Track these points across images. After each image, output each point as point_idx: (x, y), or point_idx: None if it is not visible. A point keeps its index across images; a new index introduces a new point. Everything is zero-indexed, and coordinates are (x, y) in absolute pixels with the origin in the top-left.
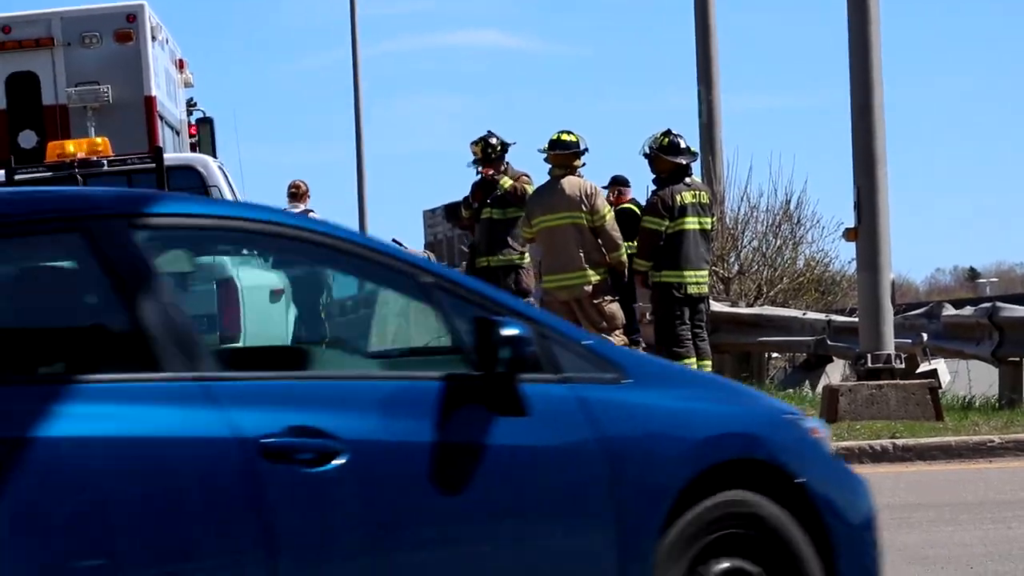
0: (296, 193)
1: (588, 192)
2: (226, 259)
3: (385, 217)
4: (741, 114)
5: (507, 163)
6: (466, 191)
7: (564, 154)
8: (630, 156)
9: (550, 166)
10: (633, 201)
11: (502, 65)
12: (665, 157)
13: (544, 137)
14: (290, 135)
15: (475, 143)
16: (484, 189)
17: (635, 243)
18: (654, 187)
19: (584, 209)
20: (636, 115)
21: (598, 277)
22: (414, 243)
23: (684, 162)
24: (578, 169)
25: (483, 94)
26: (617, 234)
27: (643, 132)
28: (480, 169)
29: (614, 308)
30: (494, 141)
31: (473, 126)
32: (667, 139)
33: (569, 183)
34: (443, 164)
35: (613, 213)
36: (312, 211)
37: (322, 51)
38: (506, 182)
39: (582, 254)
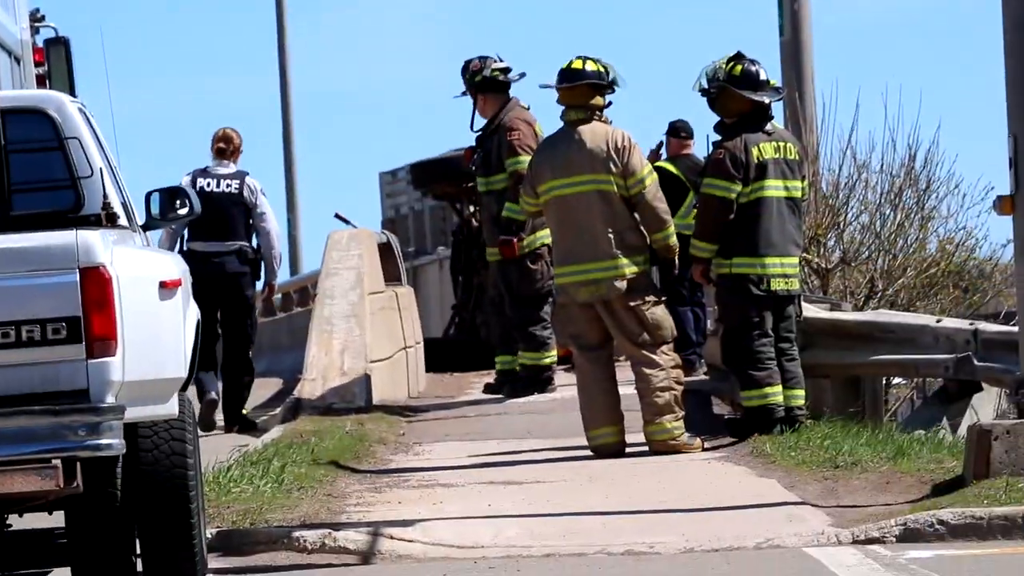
0: (224, 149)
1: (619, 144)
2: (94, 236)
3: (324, 181)
4: (837, 27)
5: (513, 98)
6: (439, 146)
7: (582, 89)
8: (679, 96)
9: (562, 108)
10: (675, 159)
11: None
12: (737, 92)
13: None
14: (182, 62)
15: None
16: (480, 141)
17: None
18: (717, 137)
19: (614, 170)
20: (687, 34)
21: (636, 268)
22: (366, 219)
23: (765, 100)
24: (604, 112)
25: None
26: (663, 205)
27: (696, 59)
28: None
29: (659, 313)
30: (494, 67)
31: (455, 45)
32: (739, 66)
33: (592, 132)
34: (408, 102)
35: (656, 175)
36: (247, 174)
37: None
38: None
39: (612, 235)
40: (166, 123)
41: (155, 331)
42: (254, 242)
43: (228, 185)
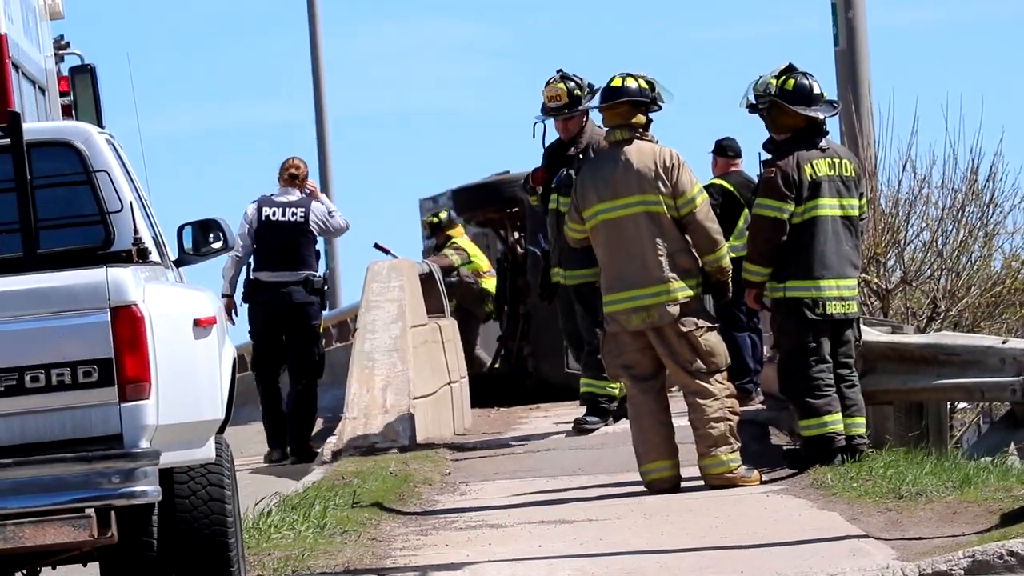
0: (296, 176)
1: (668, 163)
2: (124, 274)
3: (362, 209)
4: (893, 34)
5: (590, 118)
6: (481, 170)
7: (622, 107)
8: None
9: (606, 129)
10: (725, 176)
11: None
12: (790, 107)
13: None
14: (212, 87)
15: (552, 82)
16: (555, 163)
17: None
18: (766, 155)
19: (663, 190)
20: (738, 48)
21: (689, 292)
22: (406, 248)
23: (820, 115)
24: (649, 130)
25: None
26: (715, 226)
27: (748, 73)
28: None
29: (713, 339)
30: (575, 84)
31: (498, 71)
32: (792, 80)
33: (639, 152)
34: (447, 127)
35: (706, 195)
36: (312, 201)
37: None
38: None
39: (662, 258)
40: (197, 150)
41: (190, 371)
42: (320, 270)
43: (294, 213)
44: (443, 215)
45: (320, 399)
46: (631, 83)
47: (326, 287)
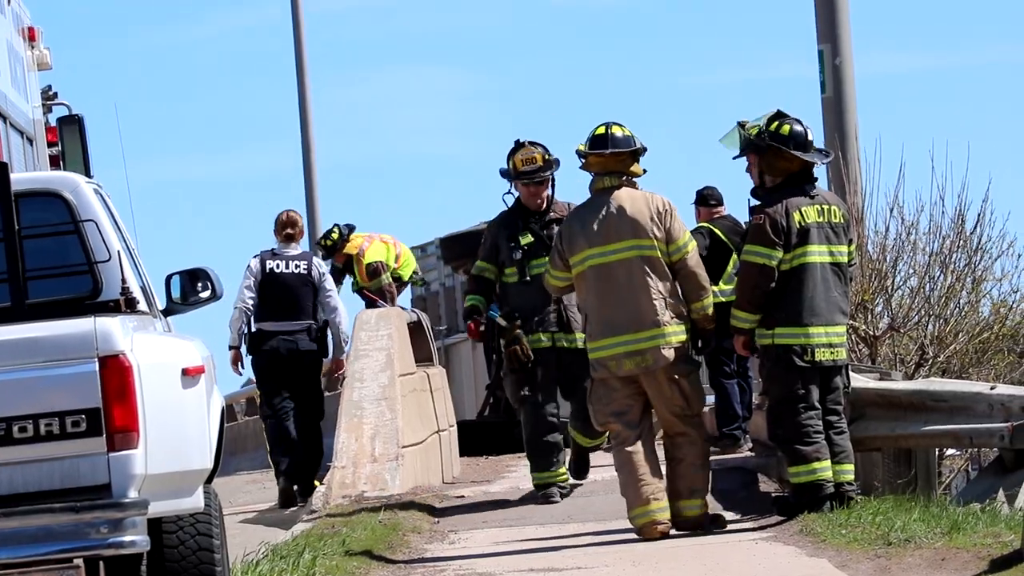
0: (292, 234)
1: (661, 209)
2: (113, 323)
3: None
4: (879, 80)
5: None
6: (467, 219)
7: (623, 156)
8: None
9: (592, 177)
10: (711, 223)
11: (525, 21)
12: (789, 152)
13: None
14: (199, 136)
15: (526, 146)
16: (510, 231)
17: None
18: (755, 201)
19: (657, 235)
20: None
21: (683, 337)
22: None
23: (817, 161)
24: (637, 180)
25: (494, 65)
26: (704, 273)
27: (726, 117)
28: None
29: (698, 383)
30: (544, 149)
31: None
32: (787, 126)
33: (631, 197)
34: (434, 176)
35: (695, 243)
36: (313, 255)
37: (245, 8)
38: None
39: (658, 302)
40: (185, 199)
41: (179, 421)
42: (319, 319)
43: (297, 266)
44: (335, 235)
45: (284, 465)
46: (617, 131)
47: (326, 335)
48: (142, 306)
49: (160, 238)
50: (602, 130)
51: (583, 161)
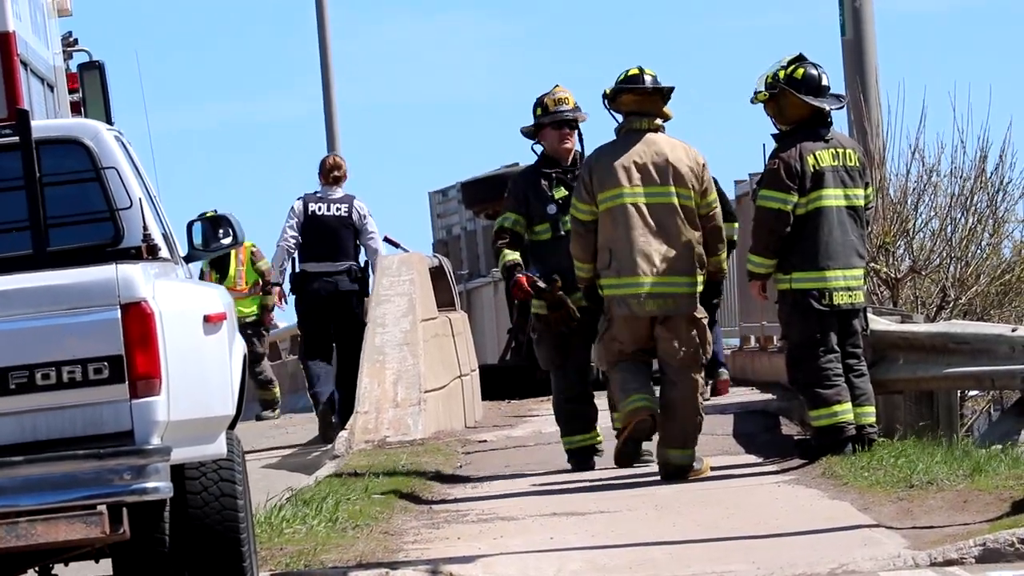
0: (339, 176)
1: (700, 162)
2: (134, 270)
3: (372, 202)
4: (900, 23)
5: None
6: (490, 163)
7: (657, 98)
8: (733, 102)
9: (622, 117)
10: None
11: None
12: (797, 97)
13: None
14: (220, 81)
15: (556, 89)
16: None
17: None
18: (774, 145)
19: (695, 187)
20: (743, 34)
21: (701, 287)
22: (416, 241)
23: (826, 107)
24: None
25: (520, 10)
26: (724, 227)
27: (753, 62)
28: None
29: (708, 332)
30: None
31: (508, 61)
32: (801, 69)
33: (671, 145)
34: (456, 119)
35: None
36: (355, 197)
37: None
38: None
39: (689, 252)
40: (206, 145)
41: (200, 368)
42: (360, 261)
43: (338, 209)
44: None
45: (325, 396)
46: (648, 75)
47: (367, 276)
48: (164, 253)
49: (182, 185)
50: (636, 71)
51: (611, 104)
